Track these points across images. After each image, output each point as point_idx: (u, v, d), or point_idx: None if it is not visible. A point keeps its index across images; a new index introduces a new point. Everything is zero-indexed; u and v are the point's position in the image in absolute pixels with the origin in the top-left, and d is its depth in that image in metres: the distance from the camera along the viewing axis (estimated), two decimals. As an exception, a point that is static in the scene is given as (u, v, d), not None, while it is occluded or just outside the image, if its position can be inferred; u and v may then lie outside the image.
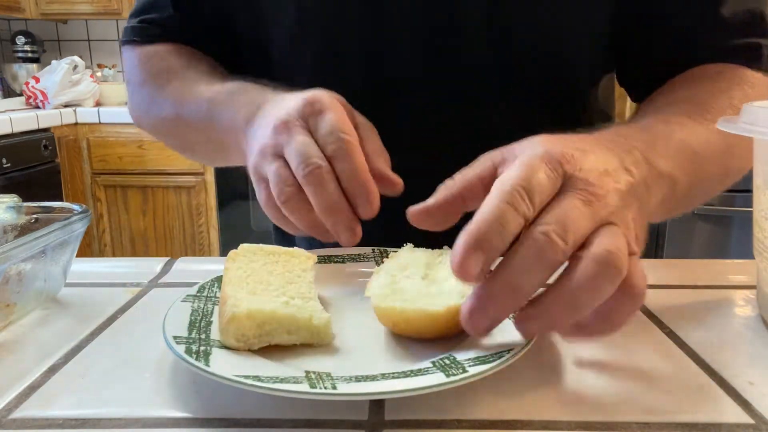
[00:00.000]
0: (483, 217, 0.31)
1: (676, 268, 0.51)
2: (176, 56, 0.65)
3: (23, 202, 0.47)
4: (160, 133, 0.68)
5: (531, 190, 0.31)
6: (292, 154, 0.40)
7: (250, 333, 0.33)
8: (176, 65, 0.64)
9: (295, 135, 0.41)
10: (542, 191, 0.32)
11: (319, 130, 0.41)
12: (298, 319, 0.34)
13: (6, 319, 0.40)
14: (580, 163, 0.34)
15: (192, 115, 0.58)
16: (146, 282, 0.49)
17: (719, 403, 0.31)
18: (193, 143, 0.63)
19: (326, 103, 0.42)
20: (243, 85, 0.54)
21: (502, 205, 0.31)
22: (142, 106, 0.66)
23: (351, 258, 0.47)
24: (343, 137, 0.40)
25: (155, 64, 0.65)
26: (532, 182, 0.31)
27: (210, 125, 0.55)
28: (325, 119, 0.41)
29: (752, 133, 0.37)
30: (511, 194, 0.31)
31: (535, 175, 0.32)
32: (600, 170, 0.34)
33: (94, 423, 0.30)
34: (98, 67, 3.01)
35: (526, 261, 0.30)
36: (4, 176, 2.13)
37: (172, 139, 0.67)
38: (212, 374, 0.29)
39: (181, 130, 0.62)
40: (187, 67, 0.63)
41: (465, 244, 0.30)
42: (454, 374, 0.29)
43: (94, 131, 2.55)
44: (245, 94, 0.52)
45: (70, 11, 2.78)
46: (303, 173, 0.39)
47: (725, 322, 0.41)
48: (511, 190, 0.31)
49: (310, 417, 0.30)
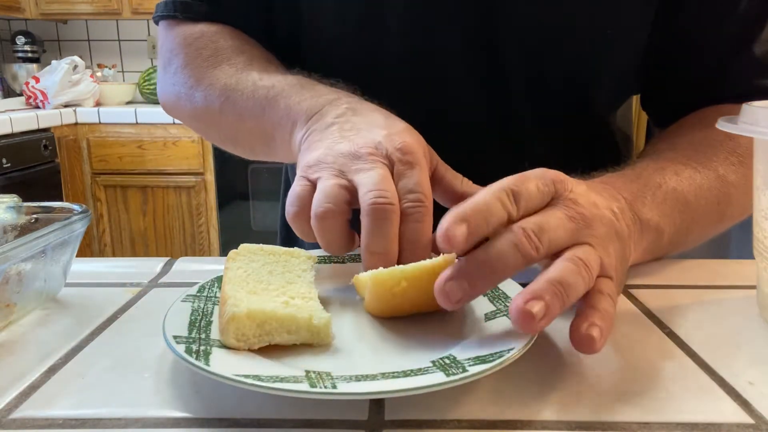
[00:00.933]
0: (472, 201, 0.34)
1: (676, 268, 0.51)
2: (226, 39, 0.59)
3: (23, 202, 0.47)
4: (199, 122, 0.62)
5: (518, 193, 0.35)
6: (368, 180, 0.39)
7: (250, 333, 0.33)
8: (227, 48, 0.58)
9: (378, 168, 0.39)
10: (529, 198, 0.35)
11: (404, 182, 0.40)
12: (298, 319, 0.34)
13: (6, 319, 0.40)
14: (572, 187, 0.37)
15: (242, 102, 0.54)
16: (146, 282, 0.49)
17: (719, 403, 0.31)
18: (236, 132, 0.58)
19: (419, 158, 0.41)
20: (308, 80, 0.52)
21: (491, 197, 0.34)
22: (182, 91, 0.60)
23: (351, 258, 0.47)
24: (423, 200, 0.39)
25: (203, 45, 0.59)
26: (521, 188, 0.35)
27: (261, 114, 0.52)
28: (413, 175, 0.40)
29: (752, 133, 0.37)
30: (500, 191, 0.35)
31: (525, 183, 0.36)
32: (590, 200, 0.37)
33: (94, 423, 0.30)
34: (98, 67, 3.02)
35: (502, 247, 0.33)
36: (4, 176, 2.13)
37: (213, 130, 0.61)
38: (213, 374, 0.29)
39: (226, 118, 0.56)
40: (240, 51, 0.58)
41: (453, 216, 0.33)
42: (454, 374, 0.29)
43: (94, 131, 2.55)
44: (312, 89, 0.50)
45: (70, 11, 2.78)
46: (373, 201, 0.37)
47: (725, 322, 0.41)
48: (501, 189, 0.35)
49: (310, 417, 0.30)
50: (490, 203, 0.34)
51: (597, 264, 0.34)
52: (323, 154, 0.42)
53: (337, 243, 0.39)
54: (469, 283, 0.32)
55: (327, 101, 0.47)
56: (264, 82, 0.53)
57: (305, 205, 0.40)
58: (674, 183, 0.48)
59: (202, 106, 0.58)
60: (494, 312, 0.37)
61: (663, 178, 0.48)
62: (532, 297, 0.31)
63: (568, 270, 0.33)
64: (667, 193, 0.46)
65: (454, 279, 0.33)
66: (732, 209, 0.52)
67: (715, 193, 0.50)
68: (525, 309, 0.31)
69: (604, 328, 0.32)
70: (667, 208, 0.46)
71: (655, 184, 0.46)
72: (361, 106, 0.46)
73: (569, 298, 0.32)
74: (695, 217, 0.49)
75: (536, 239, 0.33)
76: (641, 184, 0.46)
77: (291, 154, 0.49)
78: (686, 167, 0.50)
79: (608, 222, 0.38)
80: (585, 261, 0.34)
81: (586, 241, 0.35)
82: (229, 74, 0.56)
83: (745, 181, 0.51)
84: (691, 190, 0.48)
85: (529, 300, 0.31)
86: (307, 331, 0.34)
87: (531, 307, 0.31)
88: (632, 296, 0.45)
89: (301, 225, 0.40)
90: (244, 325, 0.33)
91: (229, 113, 0.56)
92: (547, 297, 0.31)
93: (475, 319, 0.38)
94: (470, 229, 0.33)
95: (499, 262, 0.33)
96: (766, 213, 0.39)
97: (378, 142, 0.41)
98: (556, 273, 0.33)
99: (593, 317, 0.32)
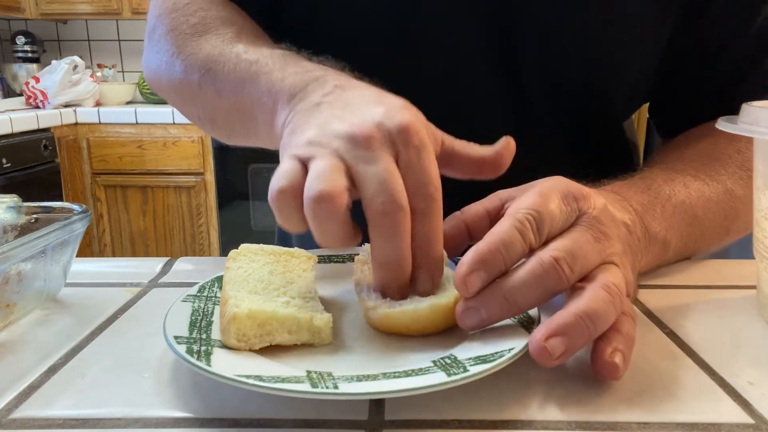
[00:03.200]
0: (491, 238, 0.33)
1: (676, 268, 0.51)
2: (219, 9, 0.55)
3: (23, 202, 0.47)
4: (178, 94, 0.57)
5: (541, 220, 0.33)
6: (373, 178, 0.33)
7: (251, 333, 0.33)
8: (216, 18, 0.54)
9: (381, 160, 0.34)
10: (552, 222, 0.33)
11: (412, 173, 0.35)
12: (299, 318, 0.34)
13: (6, 319, 0.40)
14: (593, 203, 0.36)
15: (224, 75, 0.48)
16: (146, 282, 0.49)
17: (719, 403, 0.31)
18: (215, 109, 0.52)
19: (424, 140, 0.36)
20: (296, 55, 0.47)
21: (511, 230, 0.33)
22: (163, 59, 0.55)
23: (351, 257, 0.47)
24: (434, 194, 0.35)
25: (191, 12, 0.55)
26: (543, 213, 0.33)
27: (241, 89, 0.47)
28: (421, 165, 0.35)
29: (752, 133, 0.37)
30: (521, 222, 0.33)
31: (548, 206, 0.34)
32: (610, 216, 0.36)
33: (94, 423, 0.30)
34: (98, 67, 3.01)
35: (529, 279, 0.32)
36: (4, 176, 2.13)
37: (191, 105, 0.56)
38: (214, 374, 0.29)
39: (205, 92, 0.51)
40: (231, 23, 0.54)
41: (470, 261, 0.32)
42: (455, 373, 0.29)
43: (94, 131, 2.55)
44: (298, 63, 0.45)
45: (70, 11, 2.78)
46: (383, 208, 0.33)
47: (725, 322, 0.41)
48: (522, 217, 0.33)
49: (310, 417, 0.30)
50: (510, 239, 0.32)
51: (625, 286, 0.33)
52: (315, 135, 0.36)
53: (335, 234, 0.33)
54: (487, 313, 0.32)
55: (312, 78, 0.42)
56: (248, 55, 0.48)
57: (295, 184, 0.34)
58: (683, 196, 0.47)
59: (181, 77, 0.53)
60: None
61: (672, 190, 0.47)
62: (555, 333, 0.30)
63: (602, 300, 0.31)
64: (676, 206, 0.46)
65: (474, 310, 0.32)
66: (738, 224, 0.52)
67: (723, 207, 0.50)
68: (543, 346, 0.30)
69: (627, 353, 0.31)
70: (676, 221, 0.45)
71: (665, 197, 0.46)
72: (350, 83, 0.41)
73: (597, 331, 0.31)
74: (702, 230, 0.48)
75: (569, 270, 0.31)
76: (651, 196, 0.45)
77: (273, 137, 0.44)
78: (695, 180, 0.49)
79: (625, 237, 0.37)
80: (618, 287, 0.32)
81: (611, 261, 0.34)
82: (214, 45, 0.51)
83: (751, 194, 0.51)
84: (699, 204, 0.48)
85: (549, 336, 0.30)
86: (308, 331, 0.34)
87: (550, 345, 0.30)
88: (632, 296, 0.45)
89: (287, 207, 0.34)
90: (245, 326, 0.33)
91: (208, 87, 0.50)
92: (570, 332, 0.30)
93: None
94: (488, 273, 0.32)
95: (523, 294, 0.31)
96: (766, 213, 0.39)
97: (377, 122, 0.36)
98: (588, 304, 0.30)
99: (616, 341, 0.31)
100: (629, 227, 0.39)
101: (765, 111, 0.37)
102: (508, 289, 0.32)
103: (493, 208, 0.39)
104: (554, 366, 0.31)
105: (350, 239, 0.34)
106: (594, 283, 0.32)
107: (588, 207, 0.35)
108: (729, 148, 0.54)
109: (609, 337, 0.31)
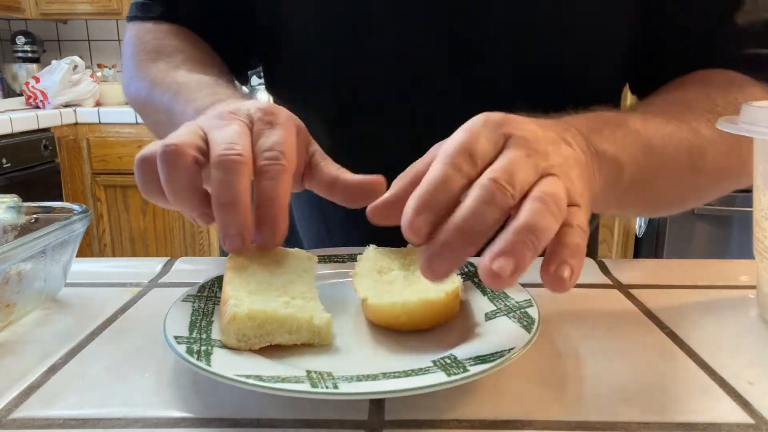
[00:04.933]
0: (428, 179, 0.32)
1: (676, 268, 0.51)
2: (172, 38, 0.64)
3: (23, 202, 0.47)
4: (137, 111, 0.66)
5: (473, 152, 0.33)
6: (219, 136, 0.37)
7: (251, 333, 0.33)
8: (168, 46, 0.62)
9: (233, 124, 0.38)
10: (484, 153, 0.33)
11: (261, 141, 0.38)
12: (299, 319, 0.34)
13: (6, 319, 0.40)
14: (520, 125, 0.35)
15: (159, 96, 0.56)
16: (146, 282, 0.49)
17: (719, 403, 0.31)
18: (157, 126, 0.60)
19: (281, 120, 0.40)
20: (216, 81, 0.53)
21: (446, 167, 0.32)
22: (126, 78, 0.65)
23: (351, 258, 0.47)
24: (281, 158, 0.37)
25: (148, 41, 0.64)
26: (474, 146, 0.33)
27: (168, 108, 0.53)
28: (272, 133, 0.39)
29: (752, 133, 0.37)
30: (453, 157, 0.33)
31: (476, 140, 0.33)
32: (539, 134, 0.35)
33: (94, 423, 0.30)
34: (98, 67, 3.01)
35: (478, 205, 0.31)
36: (4, 176, 2.13)
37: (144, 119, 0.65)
38: (214, 374, 0.29)
39: (147, 109, 0.60)
40: (180, 51, 0.62)
41: (413, 205, 0.32)
42: (455, 373, 0.29)
43: (94, 131, 2.55)
44: (211, 88, 0.51)
45: (70, 11, 2.78)
46: (221, 154, 0.36)
47: (725, 322, 0.41)
48: (453, 152, 0.33)
49: (311, 417, 0.30)
50: (448, 175, 0.32)
51: (565, 195, 0.32)
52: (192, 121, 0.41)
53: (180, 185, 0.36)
54: (451, 253, 0.30)
55: (218, 100, 0.46)
56: (181, 78, 0.54)
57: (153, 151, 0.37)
58: (638, 126, 0.46)
59: (135, 95, 0.62)
60: (494, 312, 0.37)
61: (625, 120, 0.46)
62: (500, 253, 0.29)
63: (537, 212, 0.30)
64: (627, 132, 0.44)
65: (438, 254, 0.30)
66: (706, 162, 0.50)
67: (687, 144, 0.48)
68: (491, 271, 0.29)
69: (575, 265, 0.31)
70: (628, 144, 0.44)
71: (615, 123, 0.44)
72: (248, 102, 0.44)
73: (541, 243, 0.30)
74: (662, 162, 0.47)
75: (509, 187, 0.31)
76: (599, 121, 0.44)
77: None
78: (656, 116, 0.48)
79: (566, 152, 0.36)
80: (553, 196, 0.31)
81: (549, 173, 0.33)
82: (161, 69, 0.59)
83: (721, 139, 0.49)
84: (657, 136, 0.46)
85: (495, 257, 0.29)
86: (308, 331, 0.34)
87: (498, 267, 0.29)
88: (632, 296, 0.45)
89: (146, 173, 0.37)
90: (245, 326, 0.33)
91: (149, 105, 0.58)
92: (515, 250, 0.29)
93: (475, 319, 0.38)
94: (434, 213, 0.31)
95: (478, 221, 0.30)
96: (766, 213, 0.39)
97: (245, 106, 0.40)
98: (524, 218, 0.30)
99: (563, 254, 0.31)
100: (569, 142, 0.37)
101: (765, 111, 0.37)
102: (461, 222, 0.30)
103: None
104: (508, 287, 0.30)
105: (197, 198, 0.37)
106: (528, 198, 0.31)
107: (514, 129, 0.35)
108: (698, 93, 0.53)
109: (554, 252, 0.31)
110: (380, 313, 0.36)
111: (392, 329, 0.37)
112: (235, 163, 0.36)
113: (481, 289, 0.41)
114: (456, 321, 0.38)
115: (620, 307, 0.43)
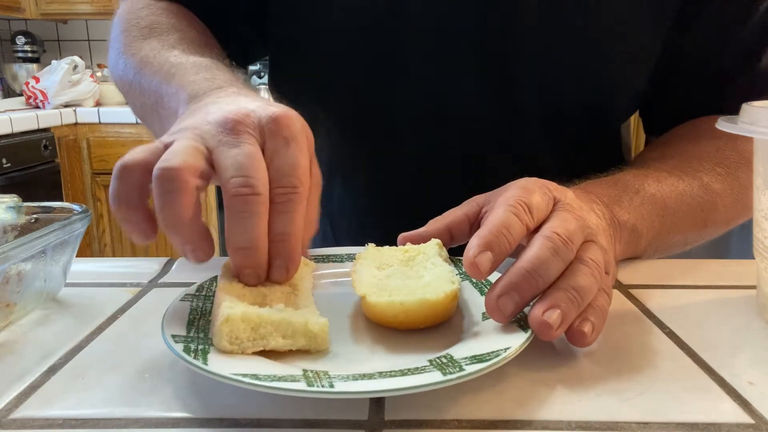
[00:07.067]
0: (492, 222, 0.35)
1: (676, 268, 0.51)
2: (168, 15, 0.58)
3: (23, 202, 0.47)
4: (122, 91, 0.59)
5: (531, 205, 0.37)
6: (231, 163, 0.33)
7: (244, 336, 0.32)
8: (163, 24, 0.57)
9: (244, 143, 0.34)
10: (539, 208, 0.37)
11: (277, 163, 0.34)
12: (294, 323, 0.33)
13: (6, 319, 0.40)
14: (564, 192, 0.40)
15: (149, 76, 0.50)
16: (146, 282, 0.49)
17: (719, 403, 0.31)
18: (141, 107, 0.54)
19: (296, 133, 0.35)
20: (215, 63, 0.48)
21: (508, 214, 0.36)
22: (113, 56, 0.59)
23: (349, 257, 0.47)
24: (298, 187, 0.34)
25: (142, 16, 0.58)
26: (531, 200, 0.37)
27: (158, 90, 0.48)
28: (289, 154, 0.34)
29: (752, 133, 0.37)
30: (515, 207, 0.36)
31: (533, 195, 0.37)
32: (580, 204, 0.40)
33: (94, 423, 0.30)
34: (98, 67, 3.01)
35: (544, 253, 0.34)
36: (4, 176, 2.13)
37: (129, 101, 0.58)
38: (210, 372, 0.29)
39: (134, 90, 0.53)
40: (176, 30, 0.56)
41: (477, 244, 0.34)
42: (451, 373, 0.29)
43: (94, 131, 2.55)
44: (209, 71, 0.46)
45: (70, 11, 2.78)
46: (238, 189, 0.32)
47: (725, 322, 0.41)
48: (515, 203, 0.36)
49: (310, 417, 0.30)
50: (509, 221, 0.35)
51: (603, 262, 0.36)
52: (190, 123, 0.36)
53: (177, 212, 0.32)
54: (519, 295, 0.33)
55: (216, 86, 0.42)
56: (174, 59, 0.49)
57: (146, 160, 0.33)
58: (654, 189, 0.50)
59: (122, 74, 0.56)
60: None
61: (642, 185, 0.49)
62: (550, 306, 0.33)
63: (584, 273, 0.34)
64: (645, 198, 0.49)
65: (506, 294, 0.33)
66: (716, 216, 0.54)
67: (699, 200, 0.52)
68: (543, 320, 0.32)
69: (597, 323, 0.34)
70: (645, 211, 0.48)
71: (633, 190, 0.49)
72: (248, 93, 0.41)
73: (584, 302, 0.34)
74: (676, 221, 0.51)
75: (570, 242, 0.35)
76: (619, 189, 0.48)
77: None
78: (670, 175, 0.51)
79: (594, 219, 0.40)
80: (597, 261, 0.35)
81: (591, 239, 0.37)
82: (153, 47, 0.53)
83: (730, 190, 0.53)
84: (671, 196, 0.50)
85: (546, 310, 0.33)
86: (303, 336, 0.33)
87: (549, 317, 0.32)
88: (632, 296, 0.45)
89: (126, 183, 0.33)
90: (238, 328, 0.32)
91: (136, 86, 0.53)
92: (563, 305, 0.33)
93: (472, 319, 0.38)
94: (495, 253, 0.34)
95: (544, 269, 0.34)
96: (766, 213, 0.39)
97: (250, 110, 0.35)
98: (573, 278, 0.34)
99: (587, 312, 0.34)
100: (597, 214, 0.42)
101: (765, 111, 0.37)
102: (529, 266, 0.34)
103: (472, 213, 0.42)
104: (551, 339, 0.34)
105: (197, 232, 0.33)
106: (576, 260, 0.35)
107: (561, 196, 0.39)
108: (709, 146, 0.55)
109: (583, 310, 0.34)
110: (379, 311, 0.36)
111: (390, 327, 0.37)
112: (252, 204, 0.32)
113: (478, 289, 0.41)
114: (453, 320, 0.38)
115: (620, 307, 0.43)
